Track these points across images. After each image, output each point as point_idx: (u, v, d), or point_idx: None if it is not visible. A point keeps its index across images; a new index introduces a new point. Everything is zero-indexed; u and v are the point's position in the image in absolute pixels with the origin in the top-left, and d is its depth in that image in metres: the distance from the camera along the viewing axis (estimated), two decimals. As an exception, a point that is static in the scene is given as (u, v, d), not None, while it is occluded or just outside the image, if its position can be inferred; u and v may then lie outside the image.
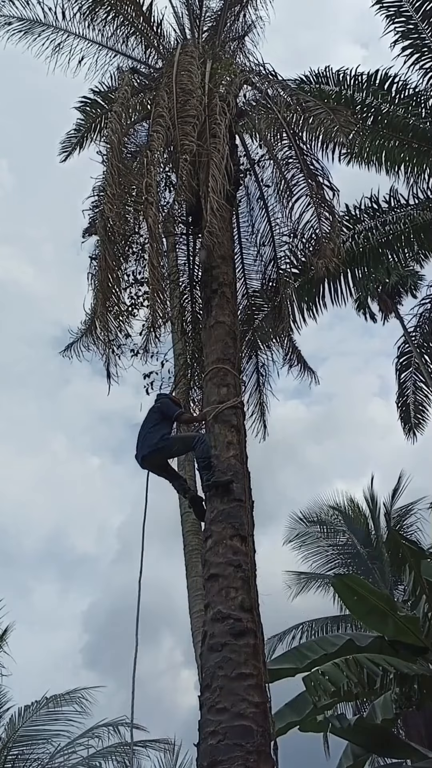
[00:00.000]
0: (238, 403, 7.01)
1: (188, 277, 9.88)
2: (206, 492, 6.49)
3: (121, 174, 7.95)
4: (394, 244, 13.04)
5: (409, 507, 18.49)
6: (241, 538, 6.05)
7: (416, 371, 15.74)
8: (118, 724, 10.59)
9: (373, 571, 17.37)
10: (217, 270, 8.02)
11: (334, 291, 12.25)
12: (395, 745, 8.64)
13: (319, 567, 18.53)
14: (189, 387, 9.63)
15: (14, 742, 9.90)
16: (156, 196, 7.61)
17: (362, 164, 13.02)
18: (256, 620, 5.65)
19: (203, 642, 5.62)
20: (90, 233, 8.81)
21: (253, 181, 10.20)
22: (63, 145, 11.05)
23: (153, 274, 7.38)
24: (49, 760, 9.88)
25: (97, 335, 8.31)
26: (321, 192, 9.02)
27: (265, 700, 5.30)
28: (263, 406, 10.65)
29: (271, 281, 10.22)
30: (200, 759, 5.05)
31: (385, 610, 8.00)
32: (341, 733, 8.41)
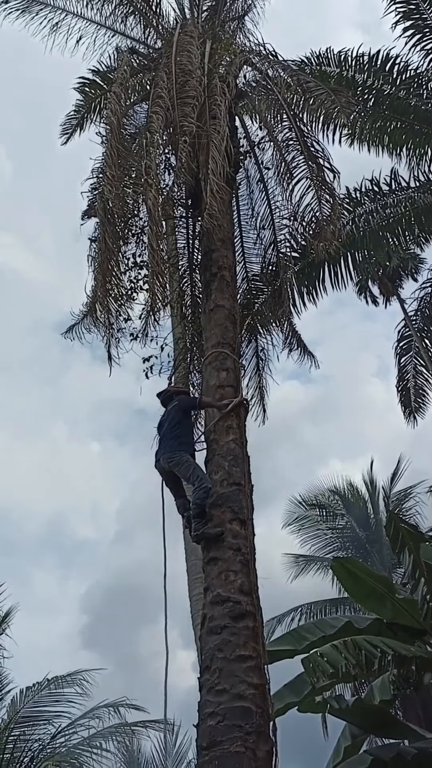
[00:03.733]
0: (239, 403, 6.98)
1: (188, 261, 9.83)
2: (195, 540, 6.45)
3: (121, 155, 7.89)
4: (395, 227, 12.95)
5: (408, 490, 18.56)
6: (240, 521, 6.07)
7: (416, 355, 15.71)
8: (118, 705, 10.70)
9: (371, 554, 17.47)
10: (216, 253, 7.98)
11: (334, 275, 12.18)
12: (393, 726, 8.70)
13: (318, 550, 18.64)
14: (188, 371, 9.61)
15: (16, 723, 9.99)
16: (155, 179, 7.55)
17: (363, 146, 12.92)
18: (255, 603, 5.68)
19: (203, 625, 5.66)
20: (89, 216, 8.76)
21: (253, 163, 10.12)
22: (63, 127, 10.94)
23: (152, 258, 7.34)
24: (50, 740, 9.97)
25: (97, 318, 8.28)
26: (321, 174, 8.95)
27: (264, 682, 5.35)
28: (263, 390, 10.63)
29: (271, 265, 10.16)
30: (200, 739, 5.10)
31: (383, 592, 8.03)
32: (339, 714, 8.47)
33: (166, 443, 6.87)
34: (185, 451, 6.76)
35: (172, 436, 6.86)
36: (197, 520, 6.17)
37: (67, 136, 10.78)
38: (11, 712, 10.33)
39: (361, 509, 18.90)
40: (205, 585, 5.87)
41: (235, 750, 4.82)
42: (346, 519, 18.75)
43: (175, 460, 6.67)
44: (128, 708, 10.71)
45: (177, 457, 6.67)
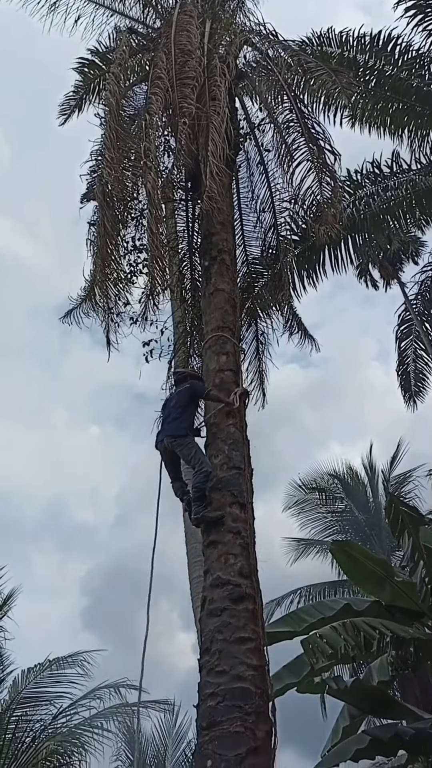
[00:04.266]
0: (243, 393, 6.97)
1: (188, 244, 9.77)
2: (195, 524, 6.47)
3: (120, 138, 7.83)
4: (396, 210, 12.85)
5: (408, 474, 18.63)
6: (240, 505, 6.09)
7: (417, 339, 15.69)
8: (118, 686, 10.78)
9: (371, 537, 17.56)
10: (216, 237, 7.94)
11: (334, 258, 12.11)
12: (391, 707, 8.79)
13: (318, 533, 18.76)
14: (188, 355, 9.59)
15: (18, 704, 10.08)
16: (155, 161, 7.50)
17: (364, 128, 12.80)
18: (254, 586, 5.72)
19: (203, 607, 5.70)
20: (88, 199, 8.71)
21: (253, 145, 10.05)
22: (61, 107, 10.83)
23: (152, 241, 7.30)
24: (52, 720, 10.07)
25: (96, 302, 8.25)
26: (322, 156, 8.89)
27: (263, 663, 5.40)
28: (262, 374, 10.61)
29: (271, 248, 10.12)
30: (200, 719, 5.16)
31: (382, 575, 8.08)
32: (338, 695, 8.55)
33: (169, 425, 6.86)
34: (189, 435, 6.77)
35: (175, 418, 6.86)
36: (197, 504, 6.19)
37: (65, 117, 10.67)
38: (13, 693, 10.42)
39: (360, 493, 18.97)
40: (205, 568, 5.91)
41: (234, 730, 4.88)
42: (346, 503, 18.83)
43: (178, 441, 6.67)
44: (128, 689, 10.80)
45: (181, 438, 6.68)
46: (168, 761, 12.88)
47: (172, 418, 6.89)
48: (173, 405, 7.04)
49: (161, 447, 6.86)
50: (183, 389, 7.19)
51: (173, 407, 7.00)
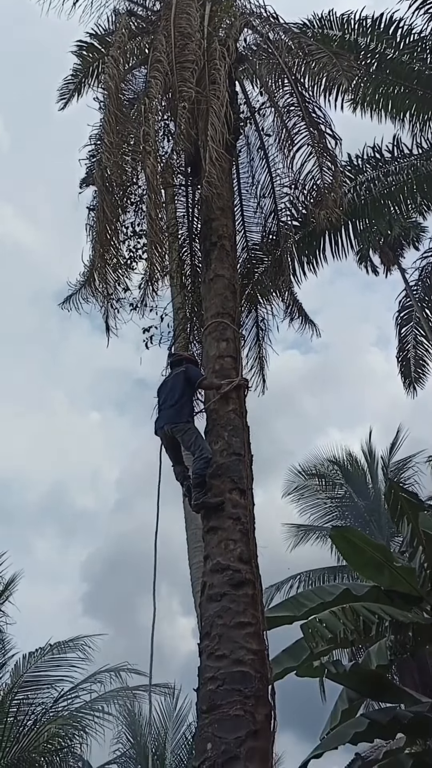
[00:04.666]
0: (243, 382, 6.94)
1: (187, 230, 9.73)
2: (195, 510, 6.47)
3: (119, 122, 7.77)
4: (397, 195, 12.80)
5: (407, 460, 18.66)
6: (240, 491, 6.10)
7: (417, 325, 15.66)
8: (119, 670, 10.88)
9: (370, 523, 17.61)
10: (216, 222, 7.89)
11: (335, 244, 12.07)
12: (389, 690, 8.87)
13: (317, 519, 18.80)
14: (188, 341, 9.58)
15: (19, 687, 10.17)
16: (154, 146, 7.44)
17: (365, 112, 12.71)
18: (254, 571, 5.74)
19: (202, 592, 5.73)
20: (87, 183, 8.65)
21: (254, 130, 9.96)
22: (60, 92, 10.73)
23: (151, 226, 7.26)
24: (53, 704, 10.17)
25: (95, 287, 8.22)
26: (323, 141, 8.83)
27: (263, 648, 5.43)
28: (262, 360, 10.60)
29: (272, 234, 10.07)
30: (200, 703, 5.20)
31: (381, 561, 8.12)
32: (337, 678, 8.62)
33: (168, 412, 6.83)
34: (190, 421, 6.76)
35: (172, 404, 6.83)
36: (197, 490, 6.20)
37: (64, 101, 10.58)
38: (15, 677, 10.51)
39: (360, 479, 19.01)
40: (205, 553, 5.93)
41: (234, 713, 4.91)
42: (345, 489, 18.87)
43: (179, 426, 6.66)
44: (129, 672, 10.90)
45: (181, 425, 6.67)
46: (168, 744, 13.01)
47: (170, 404, 6.86)
48: (169, 389, 7.02)
49: (161, 433, 6.85)
50: (178, 373, 7.16)
51: (169, 391, 6.98)
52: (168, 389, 7.03)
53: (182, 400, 6.84)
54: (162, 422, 6.82)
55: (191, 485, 6.40)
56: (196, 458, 6.40)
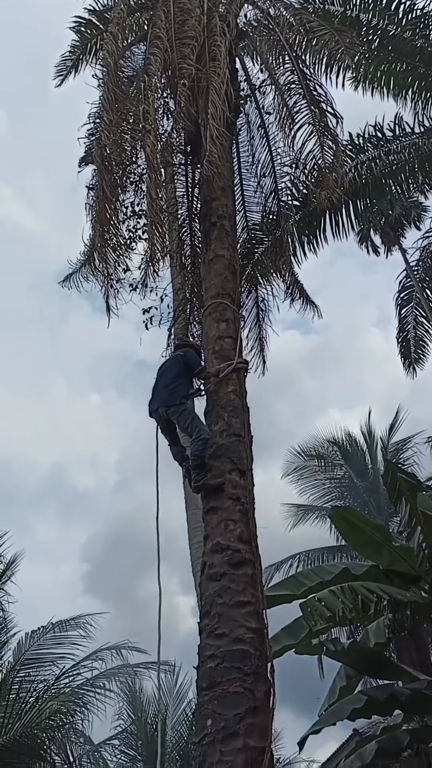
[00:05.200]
0: (241, 365, 6.90)
1: (187, 210, 9.67)
2: (195, 491, 6.48)
3: (118, 99, 7.69)
4: (398, 174, 12.65)
5: (407, 441, 18.72)
6: (239, 472, 6.12)
7: (417, 306, 15.62)
8: (120, 648, 11.01)
9: (369, 503, 17.70)
10: (216, 202, 7.83)
11: (335, 224, 11.96)
12: (387, 668, 8.98)
13: (317, 500, 18.88)
14: (188, 322, 9.56)
15: (21, 665, 10.28)
16: (154, 124, 7.37)
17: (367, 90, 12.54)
18: (254, 551, 5.77)
19: (202, 572, 5.77)
20: (87, 162, 8.58)
21: (254, 108, 9.86)
22: (58, 68, 10.60)
23: (151, 206, 7.22)
24: (55, 681, 10.28)
25: (95, 267, 8.19)
26: (324, 119, 8.75)
27: (262, 626, 5.48)
28: (263, 341, 10.58)
29: (272, 214, 10.00)
30: (200, 680, 5.26)
31: (380, 540, 8.18)
32: (335, 656, 8.72)
33: (162, 393, 6.82)
34: (184, 402, 6.75)
35: (166, 385, 6.83)
36: (197, 472, 6.21)
37: (61, 78, 10.43)
38: (17, 655, 10.63)
39: (359, 459, 19.07)
40: (205, 533, 5.96)
41: (234, 690, 4.97)
42: (345, 469, 18.93)
43: (173, 408, 6.66)
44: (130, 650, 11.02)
45: (176, 407, 6.66)
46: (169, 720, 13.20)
47: (164, 386, 6.85)
48: (165, 370, 7.01)
49: (155, 416, 6.83)
50: (176, 356, 7.16)
51: (165, 373, 6.98)
52: (164, 370, 7.03)
53: (177, 381, 6.84)
54: (156, 404, 6.82)
55: (190, 467, 6.42)
56: (194, 440, 6.41)
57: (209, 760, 4.75)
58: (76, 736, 10.43)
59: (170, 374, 6.93)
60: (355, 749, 8.75)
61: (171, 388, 6.78)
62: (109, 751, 12.09)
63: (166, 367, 7.07)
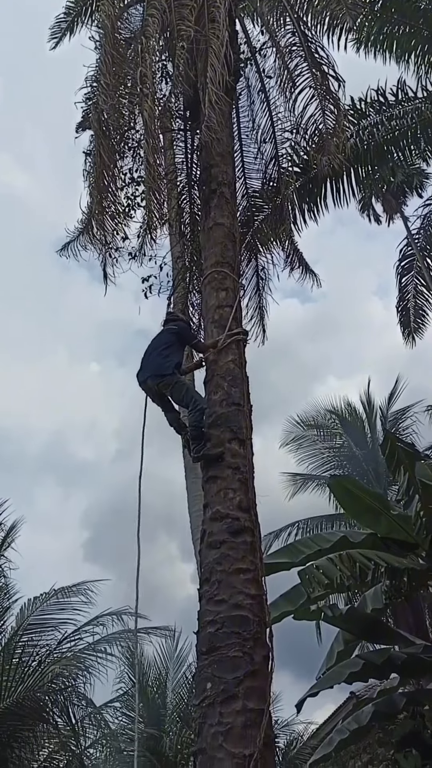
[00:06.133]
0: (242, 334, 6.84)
1: (186, 177, 9.55)
2: (195, 461, 6.46)
3: (115, 62, 7.53)
4: (401, 140, 12.46)
5: (406, 410, 18.75)
6: (239, 441, 6.13)
7: (418, 275, 15.52)
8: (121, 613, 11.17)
9: (368, 472, 17.78)
10: (216, 168, 7.71)
11: (336, 191, 11.81)
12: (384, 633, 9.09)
13: (315, 469, 18.97)
14: (188, 291, 9.50)
15: (24, 630, 10.45)
16: (152, 88, 7.24)
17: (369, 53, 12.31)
18: (253, 519, 5.81)
19: (202, 540, 5.81)
20: (84, 128, 8.44)
21: (254, 71, 9.69)
22: (52, 30, 10.39)
23: (149, 173, 7.11)
24: (57, 645, 10.45)
25: (93, 235, 8.11)
26: (326, 83, 8.60)
27: (261, 593, 5.54)
28: (262, 310, 10.54)
29: (272, 181, 9.88)
30: (200, 645, 5.33)
31: (378, 508, 8.22)
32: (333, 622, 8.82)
33: (151, 363, 6.73)
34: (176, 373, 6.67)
35: (158, 355, 6.74)
36: (196, 443, 6.22)
37: (56, 40, 10.25)
38: (20, 620, 10.78)
39: (358, 429, 19.11)
40: (205, 502, 6.00)
41: (233, 655, 5.05)
42: (344, 438, 18.99)
43: (165, 380, 6.58)
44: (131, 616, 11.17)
45: (168, 378, 6.58)
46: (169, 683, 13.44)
47: (154, 355, 6.76)
48: (155, 342, 6.94)
49: (144, 387, 6.74)
50: (168, 329, 7.08)
51: (154, 343, 6.91)
52: (154, 342, 6.96)
53: (167, 351, 6.75)
54: (146, 374, 6.71)
55: (189, 437, 6.41)
56: (191, 410, 6.39)
57: (209, 722, 4.84)
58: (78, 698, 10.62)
59: (160, 344, 6.86)
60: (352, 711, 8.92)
61: (161, 358, 6.70)
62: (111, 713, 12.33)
63: (156, 339, 6.99)
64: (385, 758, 10.23)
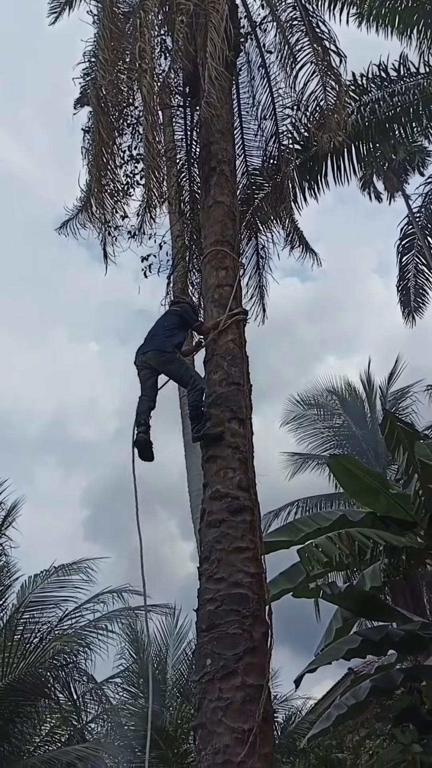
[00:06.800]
0: (240, 317, 6.78)
1: (186, 154, 9.45)
2: (195, 441, 6.44)
3: (114, 37, 7.44)
4: (402, 116, 12.30)
5: (405, 390, 18.76)
6: (239, 420, 6.14)
7: (418, 254, 15.44)
8: (121, 591, 11.28)
9: (367, 451, 17.84)
10: (215, 146, 7.63)
11: (337, 168, 11.69)
12: (382, 610, 9.17)
13: (315, 448, 19.03)
14: (187, 270, 9.45)
15: (25, 607, 10.54)
16: (151, 63, 7.14)
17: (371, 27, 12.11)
18: (252, 498, 5.83)
19: (202, 518, 5.84)
20: (82, 104, 8.33)
21: (255, 46, 9.53)
22: (51, 5, 10.23)
23: (149, 150, 7.04)
24: (58, 623, 10.56)
25: (93, 213, 8.04)
26: (327, 58, 8.48)
27: (260, 571, 5.58)
28: (263, 289, 10.49)
29: (272, 158, 9.78)
30: (199, 622, 5.38)
31: (377, 488, 8.25)
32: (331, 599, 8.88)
33: (156, 339, 6.72)
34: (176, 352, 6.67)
35: (161, 334, 6.74)
36: (195, 423, 6.23)
37: (55, 14, 10.10)
38: (21, 597, 10.88)
39: (358, 408, 19.13)
40: (205, 481, 6.01)
41: (232, 632, 5.10)
42: (343, 418, 19.02)
43: (167, 356, 6.57)
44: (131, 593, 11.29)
45: (169, 354, 6.58)
46: (170, 659, 13.60)
47: (159, 334, 6.75)
48: (158, 323, 6.94)
49: (140, 362, 6.69)
50: (171, 311, 7.07)
51: (158, 324, 6.91)
52: (158, 322, 6.95)
53: (170, 332, 6.75)
54: (146, 348, 6.69)
55: (190, 415, 6.42)
56: (191, 390, 6.39)
57: (209, 697, 4.90)
58: (79, 674, 10.76)
59: (164, 325, 6.86)
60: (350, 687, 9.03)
61: (164, 337, 6.70)
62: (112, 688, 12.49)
63: (160, 321, 7.00)
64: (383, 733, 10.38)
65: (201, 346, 6.97)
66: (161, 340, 6.69)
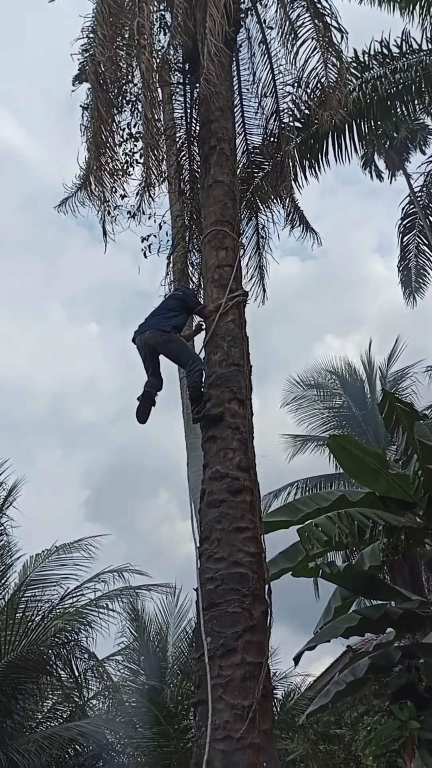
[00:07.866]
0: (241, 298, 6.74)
1: (186, 132, 9.34)
2: (195, 422, 6.43)
3: (113, 12, 7.32)
4: (404, 94, 12.15)
5: (405, 370, 18.77)
6: (239, 401, 6.14)
7: (420, 233, 15.37)
8: (122, 570, 11.38)
9: (367, 432, 17.89)
10: (215, 124, 7.54)
11: (338, 146, 11.57)
12: (381, 589, 9.25)
13: (315, 429, 19.08)
14: (187, 250, 9.39)
15: (27, 586, 10.62)
16: (150, 39, 7.04)
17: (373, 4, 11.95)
18: (252, 479, 5.85)
19: (202, 499, 5.86)
20: (81, 80, 8.22)
21: (255, 22, 9.39)
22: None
23: (147, 128, 6.96)
24: (59, 601, 10.66)
25: (92, 192, 7.98)
26: (328, 34, 8.35)
27: (260, 550, 5.61)
28: (263, 270, 10.43)
29: (273, 136, 9.67)
30: (200, 601, 5.42)
31: (377, 468, 8.29)
32: (330, 578, 8.96)
33: (155, 319, 6.72)
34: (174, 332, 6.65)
35: (163, 316, 6.74)
36: (195, 404, 6.23)
37: (54, -10, 9.89)
38: (22, 576, 10.96)
39: (358, 389, 19.15)
40: (204, 462, 6.03)
41: (232, 610, 5.14)
42: (343, 399, 19.04)
43: (166, 336, 6.57)
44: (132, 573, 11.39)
45: (168, 335, 6.58)
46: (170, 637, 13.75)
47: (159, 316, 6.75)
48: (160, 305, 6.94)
49: (139, 341, 6.70)
50: (173, 295, 7.07)
51: (159, 306, 6.91)
52: (159, 306, 6.94)
53: (171, 313, 6.75)
54: (145, 328, 6.69)
55: (189, 397, 6.43)
56: (190, 371, 6.39)
57: (209, 674, 4.95)
58: (80, 652, 10.86)
59: (163, 308, 6.86)
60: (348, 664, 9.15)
61: (164, 318, 6.70)
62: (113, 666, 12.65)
63: (162, 304, 6.99)
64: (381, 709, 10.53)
65: (201, 329, 6.97)
66: (160, 320, 6.69)
